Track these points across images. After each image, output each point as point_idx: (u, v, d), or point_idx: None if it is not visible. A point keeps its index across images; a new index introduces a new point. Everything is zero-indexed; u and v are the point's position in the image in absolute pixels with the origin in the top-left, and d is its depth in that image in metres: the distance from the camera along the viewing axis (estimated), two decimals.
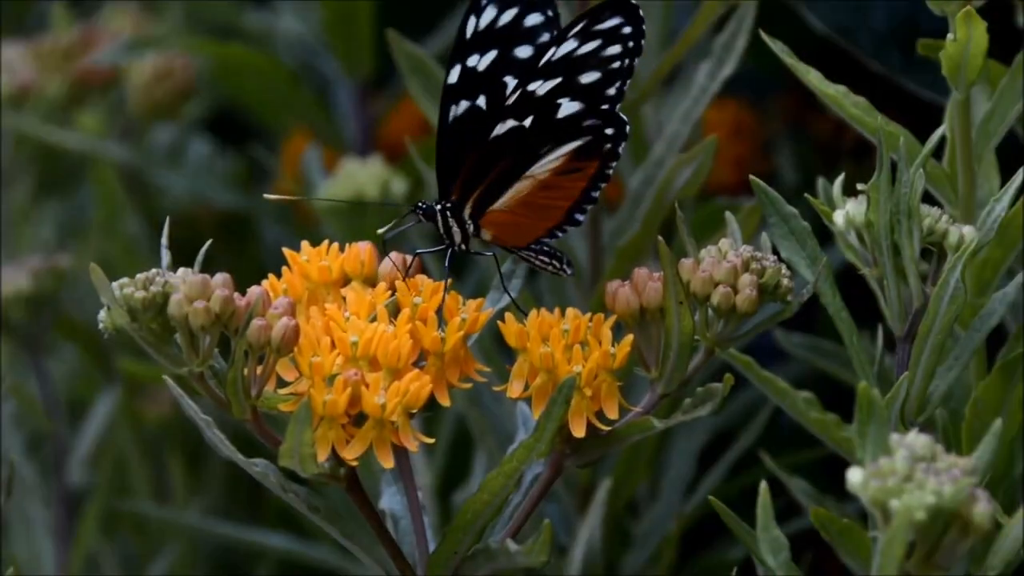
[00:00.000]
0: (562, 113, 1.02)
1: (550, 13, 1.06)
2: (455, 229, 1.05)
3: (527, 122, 1.02)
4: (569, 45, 1.01)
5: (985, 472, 0.93)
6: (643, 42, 1.02)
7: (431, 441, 1.00)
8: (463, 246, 1.05)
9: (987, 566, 0.92)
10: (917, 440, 0.89)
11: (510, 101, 1.02)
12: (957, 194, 1.10)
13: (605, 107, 1.02)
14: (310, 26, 1.75)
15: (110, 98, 1.80)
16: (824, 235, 1.08)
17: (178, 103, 1.79)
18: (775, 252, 1.04)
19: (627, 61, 1.02)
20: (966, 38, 1.05)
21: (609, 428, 1.00)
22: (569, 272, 1.05)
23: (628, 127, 1.03)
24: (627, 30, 1.02)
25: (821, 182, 1.09)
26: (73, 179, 1.80)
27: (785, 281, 1.01)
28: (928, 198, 1.05)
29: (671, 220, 1.11)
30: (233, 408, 0.97)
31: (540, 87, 1.02)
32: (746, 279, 1.00)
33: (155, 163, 1.75)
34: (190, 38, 1.76)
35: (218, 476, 1.72)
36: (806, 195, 1.07)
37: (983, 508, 0.88)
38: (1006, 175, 1.07)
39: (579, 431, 0.99)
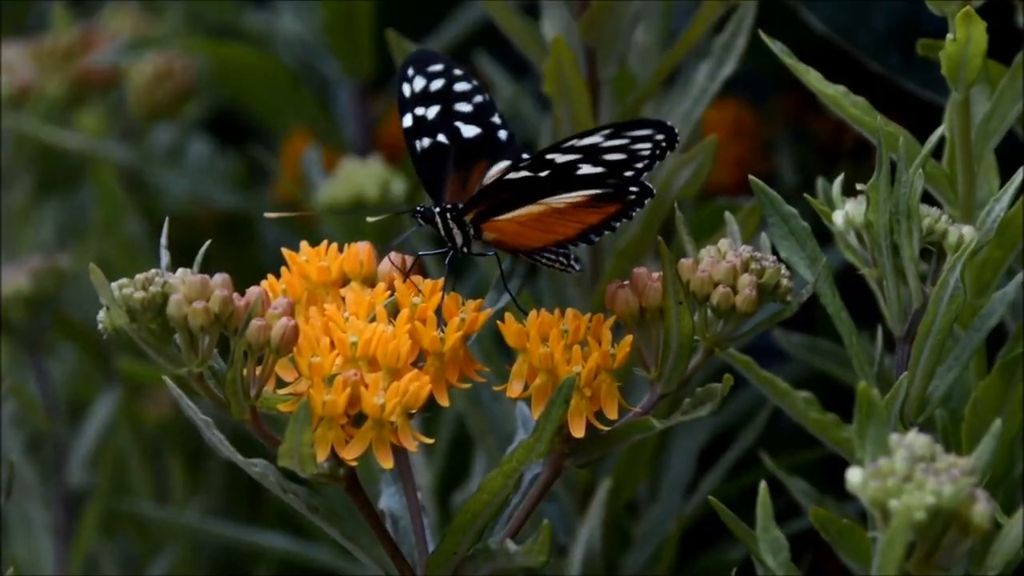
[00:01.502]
0: (582, 171, 1.02)
1: (475, 82, 1.09)
2: (456, 231, 1.05)
3: (543, 174, 1.02)
4: (594, 139, 1.01)
5: (985, 472, 0.93)
6: (677, 144, 1.02)
7: (430, 441, 1.00)
8: (465, 249, 1.05)
9: (987, 566, 0.92)
10: (917, 440, 0.89)
11: (523, 165, 1.02)
12: (957, 194, 1.10)
13: (631, 175, 1.02)
14: (310, 26, 1.75)
15: (110, 98, 1.80)
16: (823, 235, 1.08)
17: (178, 103, 1.79)
18: (774, 252, 1.04)
19: (658, 153, 1.02)
20: (966, 38, 1.05)
21: (609, 428, 1.00)
22: (577, 269, 1.05)
23: (654, 191, 1.03)
24: (659, 137, 1.01)
25: (820, 182, 1.09)
26: (73, 179, 1.80)
27: (784, 281, 1.01)
28: (928, 198, 1.05)
29: (671, 220, 1.11)
30: (232, 408, 0.97)
31: (559, 157, 1.01)
32: (745, 279, 1.00)
33: (155, 163, 1.75)
34: (190, 38, 1.76)
35: (218, 476, 1.72)
36: (805, 195, 1.07)
37: (983, 508, 0.88)
38: (1006, 175, 1.07)
39: (579, 431, 0.99)
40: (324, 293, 1.02)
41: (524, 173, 1.02)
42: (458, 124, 1.08)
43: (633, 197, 1.02)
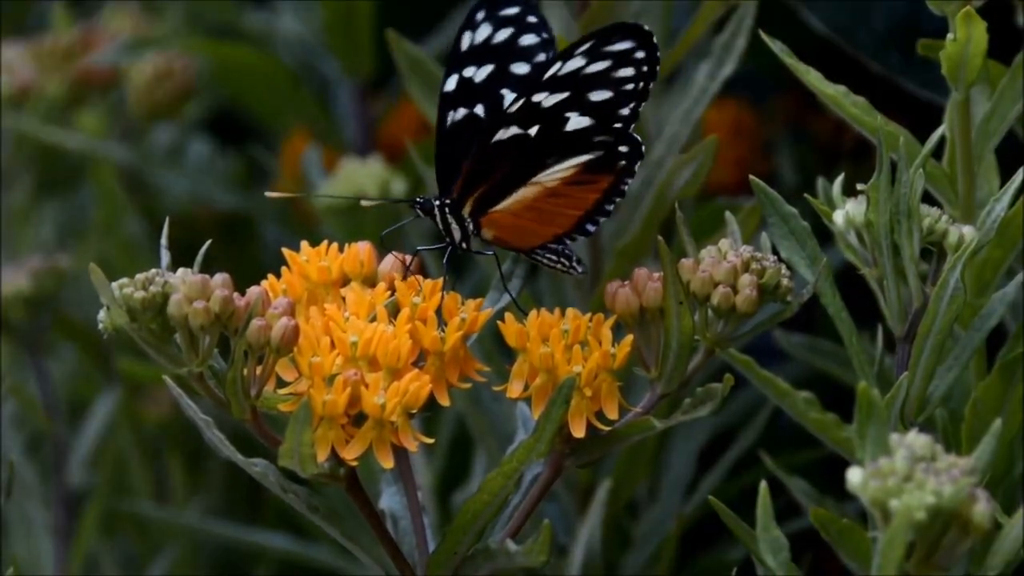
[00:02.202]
0: (571, 127, 1.01)
1: (545, 35, 1.05)
2: (454, 227, 1.04)
3: (532, 131, 1.01)
4: (577, 62, 1.00)
5: (985, 472, 0.93)
6: (658, 68, 1.00)
7: (431, 441, 1.00)
8: (463, 244, 1.05)
9: (987, 566, 0.92)
10: (917, 440, 0.89)
11: (513, 109, 1.01)
12: (957, 194, 1.10)
13: (618, 125, 1.01)
14: (310, 26, 1.75)
15: (110, 98, 1.80)
16: (824, 235, 1.08)
17: (178, 103, 1.79)
18: (775, 252, 1.04)
19: (641, 84, 1.01)
20: (966, 38, 1.05)
21: (609, 428, 1.00)
22: (579, 271, 1.05)
23: (643, 147, 1.02)
24: (640, 55, 1.00)
25: (821, 182, 1.09)
26: (73, 179, 1.80)
27: (785, 281, 1.01)
28: (928, 198, 1.05)
29: (671, 220, 1.11)
30: (233, 408, 0.97)
31: (546, 99, 1.01)
32: (746, 279, 1.00)
33: (155, 163, 1.75)
34: (190, 38, 1.76)
35: (218, 476, 1.72)
36: (806, 195, 1.07)
37: (983, 508, 0.88)
38: (1006, 175, 1.07)
39: (579, 431, 0.99)
40: (324, 293, 1.02)
41: (514, 130, 1.00)
42: (504, 91, 1.04)
43: (624, 163, 1.01)
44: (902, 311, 1.04)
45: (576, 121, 1.01)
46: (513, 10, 1.04)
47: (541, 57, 1.04)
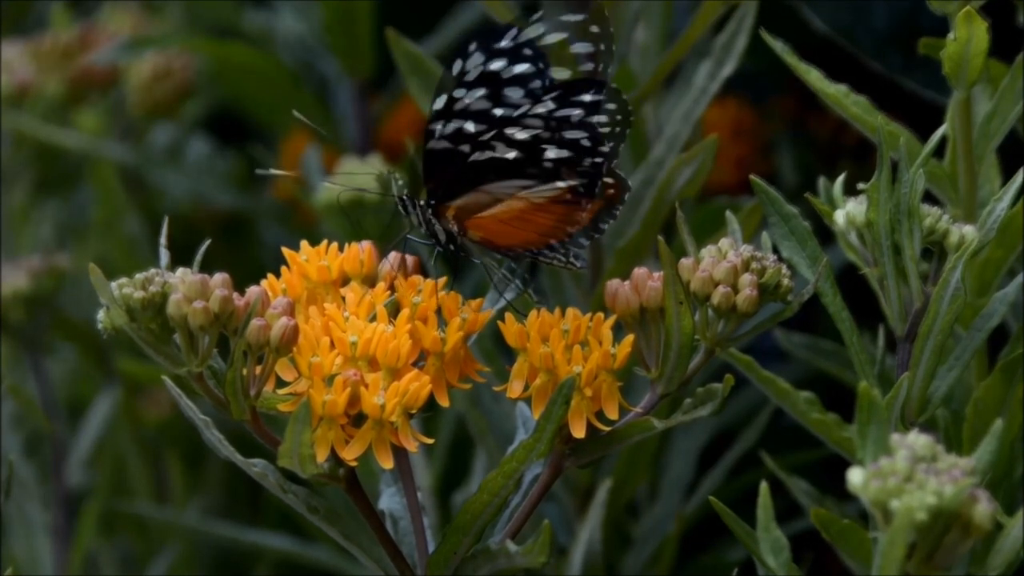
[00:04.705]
0: (551, 156, 1.02)
1: (540, 65, 1.04)
2: (437, 227, 1.04)
3: (510, 155, 1.02)
4: (547, 105, 1.01)
5: (986, 472, 0.93)
6: (631, 117, 1.02)
7: (431, 441, 1.00)
8: (450, 246, 1.05)
9: (988, 567, 0.92)
10: (918, 440, 0.88)
11: (485, 137, 1.02)
12: (958, 194, 1.10)
13: (599, 160, 1.02)
14: (310, 26, 1.75)
15: (109, 98, 1.80)
16: (825, 235, 1.08)
17: (177, 103, 1.79)
18: (775, 252, 1.04)
19: (617, 129, 1.02)
20: (967, 37, 1.05)
21: (609, 428, 1.00)
22: (579, 265, 1.04)
23: (629, 183, 1.03)
24: (611, 106, 1.02)
25: (822, 182, 1.09)
26: (72, 179, 1.79)
27: (785, 281, 1.01)
28: (929, 198, 1.05)
29: (671, 220, 1.11)
30: (232, 408, 0.97)
31: (518, 133, 1.02)
32: (746, 279, 1.00)
33: (154, 163, 1.75)
34: (190, 38, 1.76)
35: (217, 476, 1.72)
36: (807, 195, 1.06)
37: (984, 508, 0.88)
38: (1007, 175, 1.07)
39: (579, 431, 0.99)
40: (324, 293, 1.02)
41: (488, 154, 1.01)
42: (497, 111, 1.04)
43: (612, 192, 1.02)
44: (903, 311, 1.04)
45: (555, 152, 1.02)
46: (506, 44, 1.04)
47: (536, 84, 1.04)
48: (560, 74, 1.02)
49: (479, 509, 1.00)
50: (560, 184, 1.02)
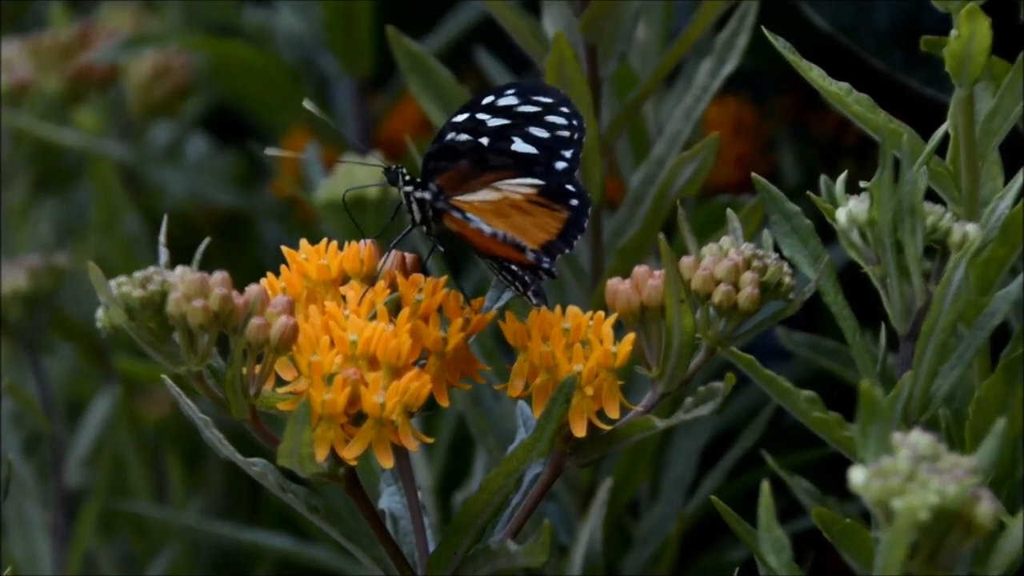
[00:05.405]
0: (518, 148, 1.04)
1: (575, 122, 1.06)
2: (415, 206, 1.04)
3: (483, 140, 1.04)
4: (509, 99, 1.05)
5: (988, 472, 0.93)
6: (583, 125, 1.04)
7: (431, 440, 1.00)
8: (423, 228, 1.05)
9: (990, 566, 0.92)
10: (920, 439, 0.88)
11: (460, 121, 1.04)
12: (960, 192, 1.10)
13: (564, 165, 1.04)
14: (309, 24, 1.75)
15: (108, 96, 1.80)
16: (826, 233, 1.08)
17: (177, 101, 1.78)
18: (777, 250, 1.04)
19: (575, 136, 1.05)
20: (969, 35, 1.05)
21: (610, 427, 1.00)
22: (535, 302, 1.03)
23: (591, 199, 1.05)
24: (564, 109, 1.05)
25: (823, 180, 1.09)
26: (71, 177, 1.79)
27: (787, 279, 1.01)
28: (931, 196, 1.05)
29: (672, 219, 1.11)
30: (232, 407, 0.97)
31: (489, 120, 1.04)
32: (747, 277, 0.99)
33: (154, 161, 1.74)
34: (189, 35, 1.76)
35: (217, 476, 1.72)
36: (808, 193, 1.06)
37: (986, 508, 0.88)
38: (1010, 173, 1.07)
39: (580, 430, 0.99)
40: (324, 291, 1.02)
41: (465, 136, 1.04)
42: (514, 138, 1.06)
43: (576, 203, 1.03)
44: (905, 309, 1.03)
45: (522, 146, 1.04)
46: (546, 99, 1.06)
47: (564, 133, 1.06)
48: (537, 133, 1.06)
49: (479, 508, 1.00)
50: (531, 180, 1.03)
